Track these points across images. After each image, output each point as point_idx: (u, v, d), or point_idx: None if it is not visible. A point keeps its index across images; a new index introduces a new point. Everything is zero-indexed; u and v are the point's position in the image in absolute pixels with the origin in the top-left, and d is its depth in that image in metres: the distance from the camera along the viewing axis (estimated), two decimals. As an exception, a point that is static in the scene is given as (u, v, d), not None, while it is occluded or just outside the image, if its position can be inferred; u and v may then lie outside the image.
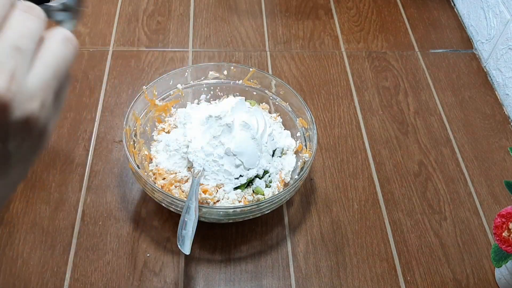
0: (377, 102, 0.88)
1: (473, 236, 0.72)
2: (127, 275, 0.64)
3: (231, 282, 0.65)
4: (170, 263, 0.65)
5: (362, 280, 0.66)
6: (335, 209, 0.73)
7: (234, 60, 0.92)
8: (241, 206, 0.64)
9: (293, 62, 0.93)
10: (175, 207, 0.63)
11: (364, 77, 0.92)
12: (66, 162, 0.74)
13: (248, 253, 0.67)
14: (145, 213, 0.70)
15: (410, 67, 0.94)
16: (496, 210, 0.75)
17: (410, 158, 0.80)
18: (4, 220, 0.67)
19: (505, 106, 0.89)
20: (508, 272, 0.64)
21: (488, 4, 0.96)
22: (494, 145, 0.83)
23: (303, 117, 0.73)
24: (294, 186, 0.64)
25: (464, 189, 0.77)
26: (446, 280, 0.67)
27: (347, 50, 0.96)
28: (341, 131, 0.83)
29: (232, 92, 0.77)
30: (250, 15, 1.01)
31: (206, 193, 0.65)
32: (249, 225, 0.70)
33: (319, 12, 1.03)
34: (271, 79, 0.76)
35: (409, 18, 1.04)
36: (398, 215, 0.73)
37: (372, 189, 0.76)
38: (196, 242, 0.67)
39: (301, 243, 0.69)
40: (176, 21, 0.98)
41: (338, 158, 0.79)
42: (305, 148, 0.71)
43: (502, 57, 0.91)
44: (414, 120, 0.86)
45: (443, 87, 0.92)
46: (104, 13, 0.98)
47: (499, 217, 0.59)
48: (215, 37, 0.96)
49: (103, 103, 0.83)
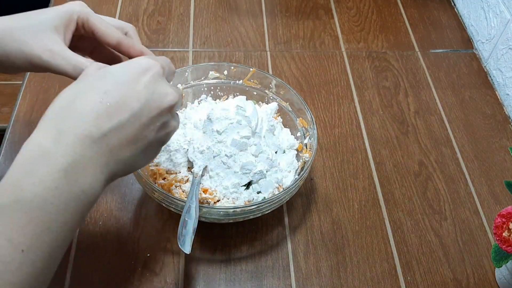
0: (377, 102, 0.88)
1: (473, 236, 0.72)
2: (127, 275, 0.64)
3: (231, 282, 0.65)
4: (170, 263, 0.65)
5: (362, 280, 0.66)
6: (335, 209, 0.73)
7: (234, 60, 0.92)
8: (241, 206, 0.64)
9: (293, 62, 0.93)
10: (175, 207, 0.63)
11: (364, 77, 0.92)
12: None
13: (248, 253, 0.67)
14: (145, 213, 0.70)
15: (410, 67, 0.94)
16: (496, 210, 0.75)
17: (410, 158, 0.80)
18: (4, 220, 0.67)
19: (505, 106, 0.89)
20: (508, 272, 0.64)
21: (488, 4, 0.96)
22: (494, 145, 0.83)
23: (303, 117, 0.73)
24: (294, 186, 0.64)
25: (464, 189, 0.77)
26: (446, 280, 0.67)
27: (347, 50, 0.96)
28: (341, 131, 0.83)
29: (232, 92, 0.77)
30: (250, 15, 1.01)
31: (206, 193, 0.65)
32: (249, 225, 0.70)
33: (319, 12, 1.03)
34: (271, 79, 0.76)
35: (409, 18, 1.04)
36: (398, 215, 0.73)
37: (372, 189, 0.76)
38: (196, 242, 0.67)
39: (301, 243, 0.69)
40: (176, 21, 0.98)
41: (338, 158, 0.79)
42: (305, 148, 0.71)
43: (503, 57, 0.91)
44: (414, 120, 0.86)
45: (443, 87, 0.92)
46: (104, 13, 0.98)
47: (499, 217, 0.59)
48: (215, 37, 0.96)
49: (103, 103, 0.83)
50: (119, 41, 0.54)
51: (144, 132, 0.46)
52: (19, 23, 0.52)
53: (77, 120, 0.43)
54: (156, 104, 0.46)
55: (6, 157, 0.74)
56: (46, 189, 0.40)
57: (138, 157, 0.47)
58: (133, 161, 0.47)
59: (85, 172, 0.42)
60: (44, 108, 0.44)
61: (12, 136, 0.77)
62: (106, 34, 0.53)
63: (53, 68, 0.52)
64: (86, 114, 0.43)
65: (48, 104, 0.44)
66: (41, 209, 0.39)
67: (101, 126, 0.43)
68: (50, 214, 0.40)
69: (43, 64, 0.51)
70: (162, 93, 0.47)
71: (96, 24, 0.53)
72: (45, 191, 0.40)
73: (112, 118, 0.44)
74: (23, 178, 0.40)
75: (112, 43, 0.54)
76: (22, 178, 0.40)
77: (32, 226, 0.39)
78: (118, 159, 0.45)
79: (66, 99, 0.44)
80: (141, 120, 0.45)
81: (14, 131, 0.77)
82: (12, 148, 0.75)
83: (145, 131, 0.46)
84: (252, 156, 0.67)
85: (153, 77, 0.47)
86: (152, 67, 0.48)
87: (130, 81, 0.46)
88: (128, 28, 0.58)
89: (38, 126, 0.43)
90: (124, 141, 0.45)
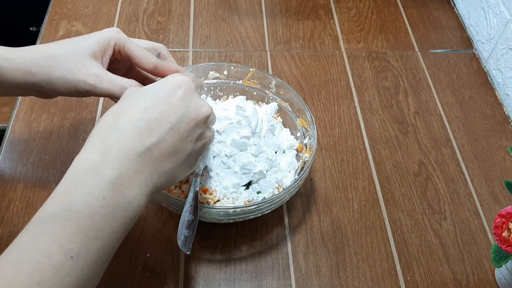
0: (377, 102, 0.88)
1: (473, 236, 0.72)
2: (127, 275, 0.64)
3: (231, 282, 0.65)
4: (170, 263, 0.65)
5: (362, 280, 0.66)
6: (335, 209, 0.73)
7: (234, 60, 0.92)
8: (241, 206, 0.64)
9: (293, 62, 0.93)
10: (175, 207, 0.63)
11: (364, 77, 0.92)
12: (66, 162, 0.74)
13: (248, 253, 0.67)
14: (145, 213, 0.70)
15: (410, 67, 0.94)
16: (496, 210, 0.75)
17: (410, 158, 0.80)
18: (4, 220, 0.67)
19: (505, 106, 0.90)
20: (508, 272, 0.64)
21: (488, 4, 0.96)
22: (494, 145, 0.83)
23: (303, 117, 0.73)
24: (294, 186, 0.64)
25: (464, 189, 0.77)
26: (446, 280, 0.67)
27: (347, 50, 0.96)
28: (341, 131, 0.83)
29: (232, 92, 0.77)
30: (250, 15, 1.01)
31: (206, 193, 0.65)
32: (249, 225, 0.70)
33: (319, 12, 1.03)
34: (271, 79, 0.76)
35: (409, 18, 1.04)
36: (398, 215, 0.73)
37: (372, 189, 0.76)
38: (196, 242, 0.67)
39: (301, 243, 0.69)
40: (176, 21, 0.98)
41: (338, 158, 0.79)
42: (305, 148, 0.71)
43: (502, 57, 0.91)
44: (414, 120, 0.86)
45: (443, 87, 0.92)
46: (104, 13, 0.98)
47: (499, 217, 0.59)
48: (215, 37, 0.96)
49: (104, 103, 0.83)
50: (155, 65, 0.57)
51: (183, 144, 0.49)
52: (61, 50, 0.55)
53: (121, 136, 0.46)
54: (192, 116, 0.50)
55: (6, 157, 0.74)
56: (95, 200, 0.42)
57: (178, 168, 0.50)
58: (174, 172, 0.50)
59: (131, 184, 0.45)
60: (44, 108, 0.44)
61: (12, 136, 0.77)
62: (143, 60, 0.57)
63: (99, 91, 0.55)
64: (129, 130, 0.46)
65: (48, 104, 0.44)
66: (89, 219, 0.42)
67: (144, 141, 0.46)
68: (98, 223, 0.42)
69: (89, 88, 0.55)
70: (197, 106, 0.51)
71: (133, 51, 0.57)
72: (93, 202, 0.42)
73: (153, 132, 0.47)
74: (73, 189, 0.43)
75: (149, 68, 0.57)
76: (72, 190, 0.43)
77: (81, 234, 0.41)
78: (161, 171, 0.48)
79: (110, 118, 0.47)
80: (179, 132, 0.48)
81: (14, 131, 0.77)
82: (12, 148, 0.75)
83: (184, 142, 0.49)
84: (252, 156, 0.67)
85: (187, 91, 0.51)
86: (186, 83, 0.51)
87: (166, 96, 0.49)
88: (160, 48, 0.61)
89: (85, 144, 0.46)
90: (166, 153, 0.48)
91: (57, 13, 0.97)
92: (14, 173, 0.72)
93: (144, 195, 0.46)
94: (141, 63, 0.57)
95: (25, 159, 0.74)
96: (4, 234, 0.66)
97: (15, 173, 0.72)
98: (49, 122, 0.79)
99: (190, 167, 0.53)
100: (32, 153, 0.75)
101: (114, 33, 0.57)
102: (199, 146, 0.52)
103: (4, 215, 0.68)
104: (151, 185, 0.47)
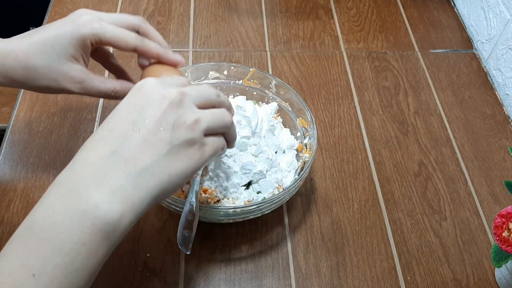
0: (377, 102, 0.88)
1: (473, 236, 0.72)
2: (127, 275, 0.64)
3: (231, 282, 0.65)
4: (170, 263, 0.65)
5: (362, 280, 0.66)
6: (335, 209, 0.73)
7: (234, 60, 0.92)
8: (241, 206, 0.64)
9: (293, 62, 0.93)
10: (175, 207, 0.63)
11: (364, 77, 0.92)
12: (66, 162, 0.73)
13: (248, 253, 0.67)
14: (145, 213, 0.70)
15: (410, 67, 0.94)
16: (496, 210, 0.75)
17: (410, 158, 0.80)
18: (4, 220, 0.67)
19: (505, 106, 0.90)
20: (508, 272, 0.64)
21: (488, 4, 0.96)
22: (494, 145, 0.83)
23: (303, 117, 0.73)
24: (294, 186, 0.64)
25: (464, 189, 0.77)
26: (446, 280, 0.67)
27: (347, 50, 0.96)
28: (341, 131, 0.83)
29: (232, 92, 0.77)
30: (250, 15, 1.01)
31: (206, 193, 0.65)
32: (249, 225, 0.70)
33: (319, 12, 1.03)
34: (271, 79, 0.76)
35: (409, 18, 1.04)
36: (398, 215, 0.73)
37: (372, 189, 0.76)
38: (196, 242, 0.67)
39: (301, 243, 0.69)
40: (176, 21, 0.98)
41: (338, 158, 0.79)
42: (305, 148, 0.71)
43: (502, 57, 0.91)
44: (414, 120, 0.86)
45: (443, 87, 0.92)
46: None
47: (499, 217, 0.59)
48: (215, 37, 0.96)
49: (104, 103, 0.83)
50: (135, 48, 0.57)
51: (157, 135, 0.45)
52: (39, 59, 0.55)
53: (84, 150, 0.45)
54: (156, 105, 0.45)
55: (6, 157, 0.74)
56: (56, 213, 0.40)
57: (167, 163, 0.45)
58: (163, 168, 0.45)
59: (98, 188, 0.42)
60: (44, 108, 0.44)
61: (12, 136, 0.77)
62: (121, 45, 0.57)
63: (88, 95, 0.58)
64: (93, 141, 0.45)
65: (48, 104, 0.44)
66: (50, 231, 0.40)
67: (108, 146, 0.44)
68: (61, 234, 0.40)
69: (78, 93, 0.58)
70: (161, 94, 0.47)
71: (110, 40, 0.56)
72: (54, 214, 0.40)
73: (115, 134, 0.44)
74: (36, 207, 0.42)
75: (129, 50, 0.57)
76: (35, 208, 0.42)
77: (44, 249, 0.39)
78: (140, 169, 0.43)
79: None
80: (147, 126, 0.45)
81: (14, 131, 0.77)
82: (12, 148, 0.75)
83: (158, 133, 0.45)
84: (252, 156, 0.67)
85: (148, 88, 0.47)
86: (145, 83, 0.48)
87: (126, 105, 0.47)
88: (138, 24, 0.59)
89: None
90: (137, 149, 0.44)
91: (57, 13, 0.97)
92: (14, 173, 0.72)
93: (120, 199, 0.42)
94: (121, 48, 0.57)
95: (25, 159, 0.74)
96: (4, 234, 0.66)
97: (15, 173, 0.73)
98: (49, 122, 0.79)
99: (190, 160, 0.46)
100: (32, 153, 0.75)
101: (87, 27, 0.55)
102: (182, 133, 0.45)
103: (4, 215, 0.68)
104: (130, 187, 0.43)
